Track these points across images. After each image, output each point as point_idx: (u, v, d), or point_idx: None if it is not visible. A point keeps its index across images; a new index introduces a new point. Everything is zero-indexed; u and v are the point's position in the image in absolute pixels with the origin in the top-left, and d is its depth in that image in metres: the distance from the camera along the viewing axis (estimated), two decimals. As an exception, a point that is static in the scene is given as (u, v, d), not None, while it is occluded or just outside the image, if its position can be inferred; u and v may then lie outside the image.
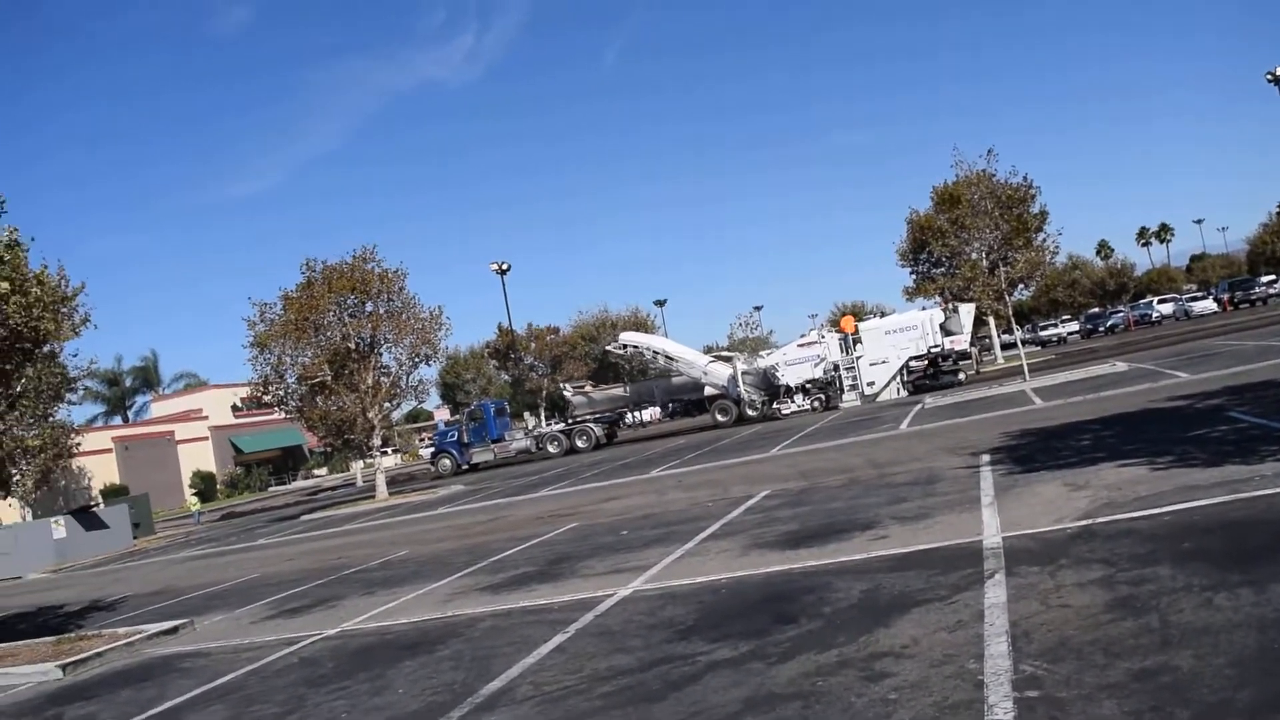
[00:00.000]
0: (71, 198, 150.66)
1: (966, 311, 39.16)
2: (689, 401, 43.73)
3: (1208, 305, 67.00)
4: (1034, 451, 13.81)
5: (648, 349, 44.58)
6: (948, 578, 7.45)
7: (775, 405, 39.32)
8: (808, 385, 38.77)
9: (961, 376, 37.94)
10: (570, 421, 45.95)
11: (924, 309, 41.99)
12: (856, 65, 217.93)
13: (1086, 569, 6.89)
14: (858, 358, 37.58)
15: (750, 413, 39.81)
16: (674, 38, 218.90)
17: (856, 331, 37.96)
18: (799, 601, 7.66)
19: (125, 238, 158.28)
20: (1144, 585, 6.19)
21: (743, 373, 39.86)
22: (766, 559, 9.68)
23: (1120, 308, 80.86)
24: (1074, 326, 75.08)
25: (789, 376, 38.86)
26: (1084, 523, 8.33)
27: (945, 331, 37.36)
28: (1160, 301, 74.42)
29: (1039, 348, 64.94)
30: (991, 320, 51.94)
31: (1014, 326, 46.46)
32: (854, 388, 37.64)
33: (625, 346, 45.69)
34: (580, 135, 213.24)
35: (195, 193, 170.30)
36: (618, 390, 47.08)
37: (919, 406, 28.69)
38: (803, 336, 41.11)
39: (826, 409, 37.43)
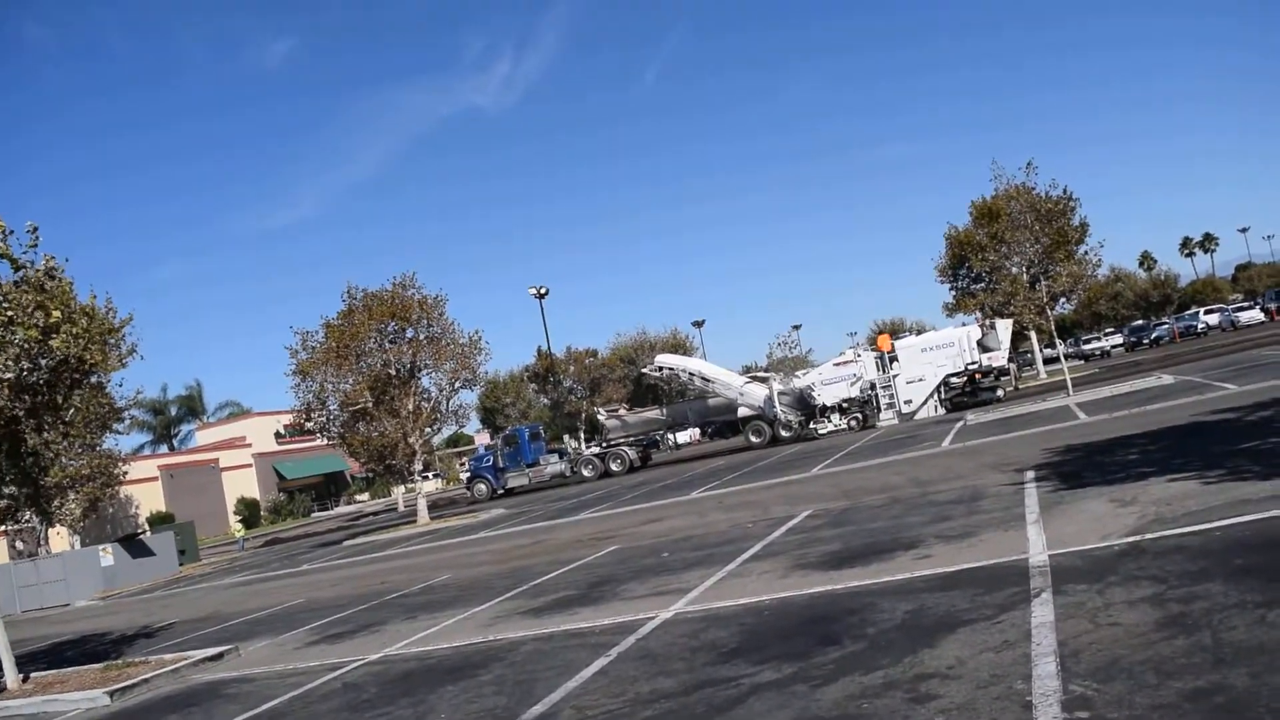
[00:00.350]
0: (116, 226, 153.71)
1: (1004, 327, 38.75)
2: (724, 423, 43.56)
3: (1255, 315, 65.80)
4: (1079, 467, 13.61)
5: (684, 371, 44.57)
6: (993, 597, 7.35)
7: (812, 425, 39.13)
8: (844, 404, 38.56)
9: (1000, 393, 37.53)
10: (605, 445, 46.02)
11: (963, 325, 41.62)
12: (895, 81, 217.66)
13: (1136, 586, 6.76)
14: (894, 376, 37.29)
15: (784, 433, 39.53)
16: (710, 59, 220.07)
17: (893, 350, 37.70)
18: (843, 623, 7.58)
19: (169, 266, 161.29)
20: (1196, 603, 6.07)
21: (779, 393, 39.65)
22: (809, 580, 9.60)
23: (1165, 319, 79.71)
24: (1118, 339, 74.00)
25: (825, 396, 38.66)
26: (1132, 539, 8.19)
27: (983, 348, 36.96)
28: (1206, 312, 73.28)
29: (1082, 361, 64.10)
30: (1033, 334, 51.37)
31: (1056, 340, 45.87)
32: (891, 406, 37.34)
33: (661, 369, 45.74)
34: (618, 157, 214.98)
35: (238, 220, 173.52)
36: (652, 413, 47.03)
37: (961, 423, 28.42)
38: (839, 356, 40.89)
39: (864, 428, 37.18)
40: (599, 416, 48.36)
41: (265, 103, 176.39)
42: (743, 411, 41.96)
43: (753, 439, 40.72)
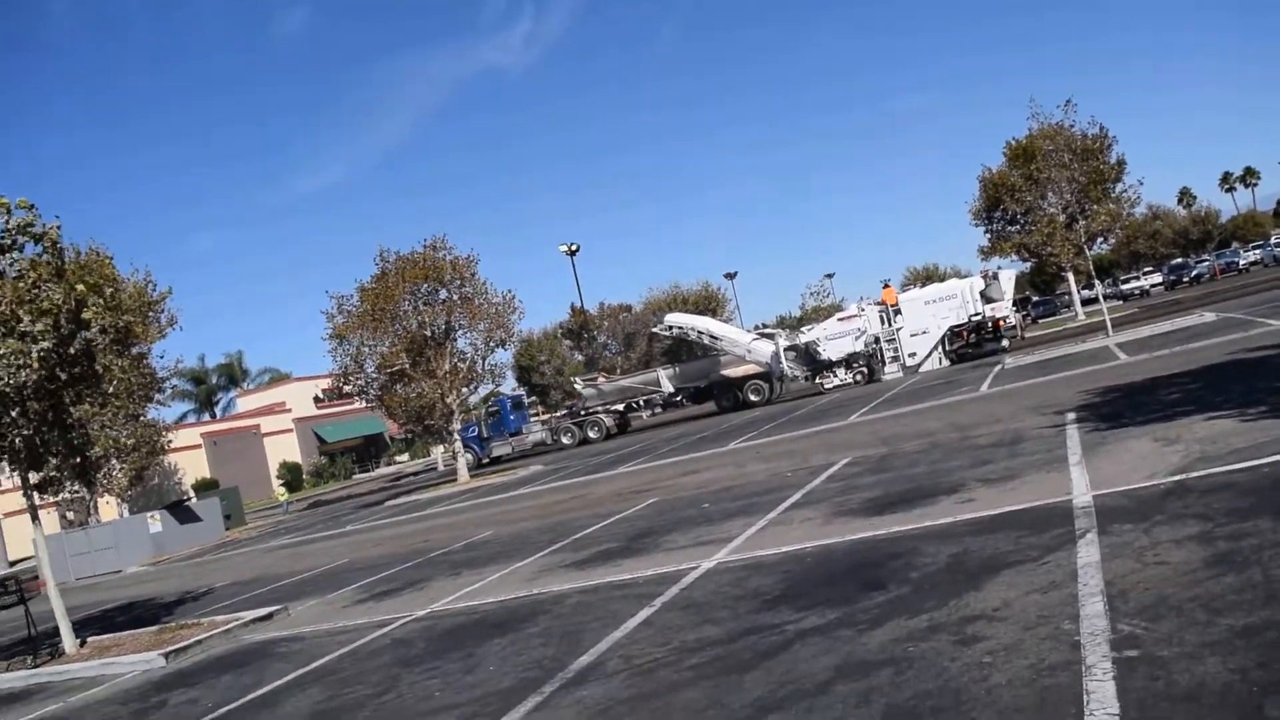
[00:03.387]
0: (150, 199, 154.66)
1: (1007, 278, 38.66)
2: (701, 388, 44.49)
3: (1298, 250, 64.52)
4: (1121, 407, 13.46)
5: (692, 329, 44.77)
6: (1038, 539, 7.31)
7: (818, 380, 39.21)
8: (849, 359, 38.50)
9: (1005, 344, 37.20)
10: (583, 413, 46.78)
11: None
12: (927, 28, 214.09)
13: (1183, 525, 6.70)
14: (898, 329, 37.26)
15: (753, 397, 40.92)
16: (731, 10, 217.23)
17: (897, 303, 37.58)
18: (886, 568, 7.58)
19: (205, 236, 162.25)
20: (1244, 540, 6.00)
21: (785, 349, 39.83)
22: (851, 526, 9.60)
23: (1205, 257, 78.37)
24: (1157, 278, 72.82)
25: (830, 351, 38.64)
26: (1178, 478, 8.11)
27: (986, 299, 36.77)
28: (1249, 248, 71.90)
29: (1121, 302, 63.24)
30: (1071, 275, 50.76)
31: (1094, 281, 45.31)
32: (895, 359, 37.42)
33: (671, 328, 45.96)
34: (643, 112, 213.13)
35: (269, 190, 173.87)
36: (626, 381, 47.74)
37: (999, 367, 28.20)
38: (844, 310, 41.03)
39: (869, 382, 37.21)
40: (575, 385, 49.00)
41: (288, 72, 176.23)
42: (715, 376, 43.28)
43: (723, 404, 42.22)
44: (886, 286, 40.05)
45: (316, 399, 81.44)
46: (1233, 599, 5.06)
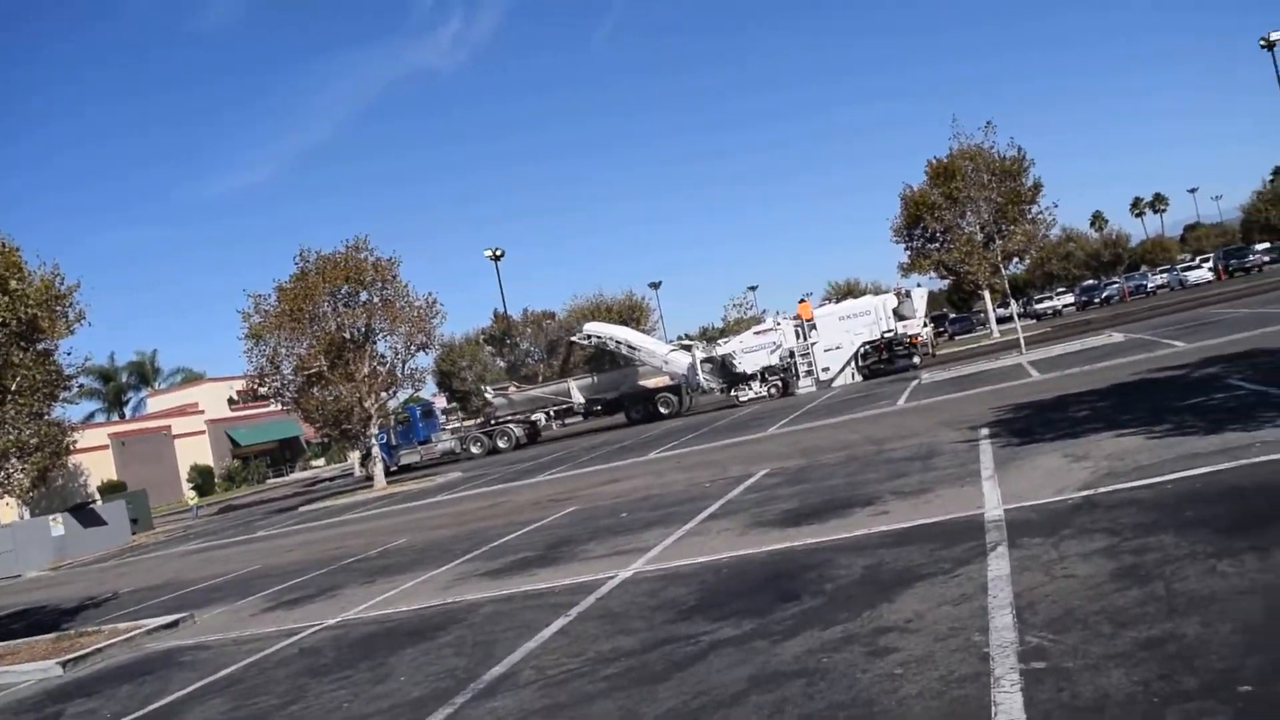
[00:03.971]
0: (67, 197, 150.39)
1: (920, 296, 39.54)
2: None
3: (1202, 274, 66.76)
4: (1033, 424, 13.75)
5: (611, 339, 44.74)
6: (950, 551, 7.41)
7: (733, 393, 39.48)
8: (765, 372, 38.84)
9: (916, 360, 37.84)
10: (492, 422, 46.64)
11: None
12: (851, 42, 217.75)
13: (1090, 539, 6.84)
14: (813, 344, 37.73)
15: (663, 410, 41.47)
16: (663, 19, 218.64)
17: (812, 318, 38.06)
18: (801, 579, 7.61)
19: (121, 234, 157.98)
20: (1148, 554, 6.15)
21: (701, 361, 40.00)
22: (768, 537, 9.64)
23: (1115, 279, 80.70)
24: (1069, 299, 74.82)
25: (746, 364, 38.91)
26: (1086, 493, 8.29)
27: (899, 316, 37.45)
28: (1158, 272, 74.30)
29: (1034, 321, 64.83)
30: (987, 294, 51.85)
31: (1009, 299, 46.35)
32: (810, 374, 37.85)
33: (590, 336, 45.90)
34: (571, 120, 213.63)
35: (190, 188, 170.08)
36: (536, 391, 47.61)
37: (915, 382, 28.65)
38: (759, 324, 41.55)
39: (784, 395, 37.55)
40: (486, 394, 48.87)
41: (214, 68, 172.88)
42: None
43: (633, 415, 42.46)
44: (803, 301, 40.52)
45: (231, 401, 79.73)
46: (1137, 612, 5.17)
